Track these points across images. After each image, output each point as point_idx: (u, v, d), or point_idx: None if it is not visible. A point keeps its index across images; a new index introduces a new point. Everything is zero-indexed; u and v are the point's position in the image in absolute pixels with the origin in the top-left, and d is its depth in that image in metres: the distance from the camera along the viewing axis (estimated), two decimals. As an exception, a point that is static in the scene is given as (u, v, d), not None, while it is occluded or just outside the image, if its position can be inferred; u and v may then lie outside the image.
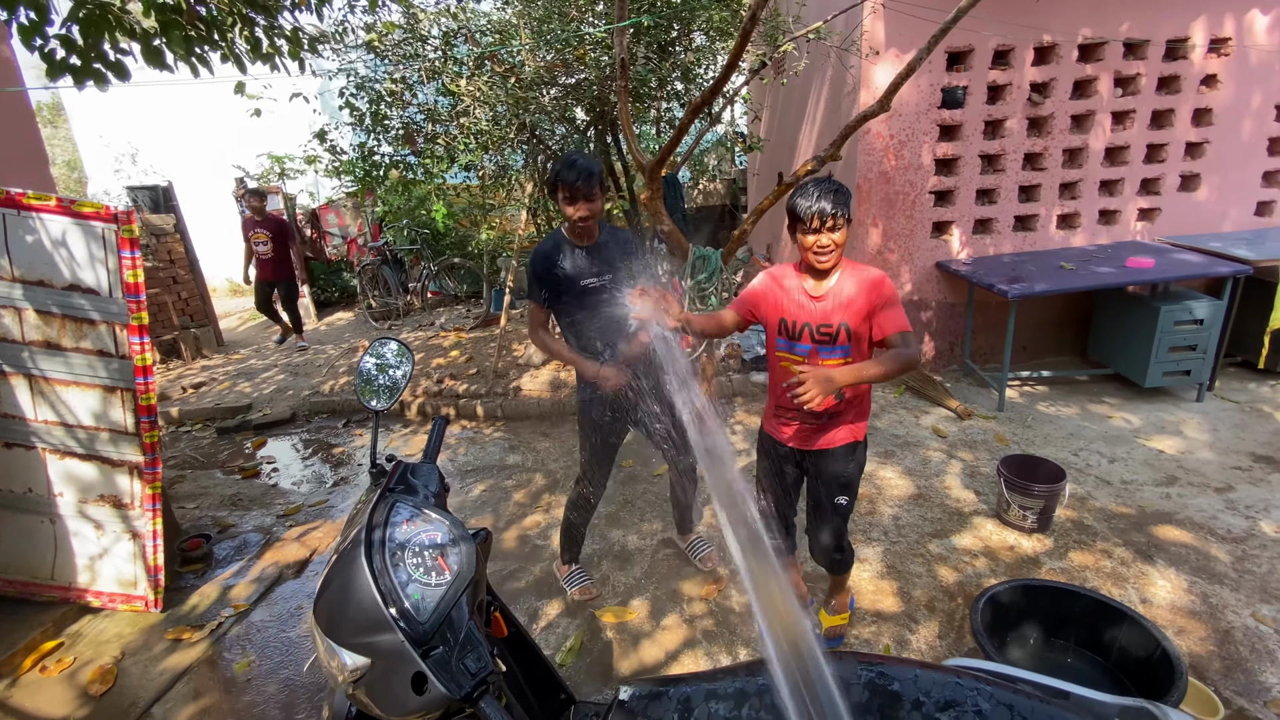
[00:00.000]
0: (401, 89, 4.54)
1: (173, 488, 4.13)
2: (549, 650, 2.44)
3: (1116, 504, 3.08)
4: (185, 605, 2.92)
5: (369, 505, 1.16)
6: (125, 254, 2.49)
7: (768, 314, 2.05)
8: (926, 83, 4.22)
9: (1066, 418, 3.98)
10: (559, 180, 2.15)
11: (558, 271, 2.28)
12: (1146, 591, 2.53)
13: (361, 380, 1.44)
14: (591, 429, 2.49)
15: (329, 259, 8.81)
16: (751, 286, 2.10)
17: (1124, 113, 4.42)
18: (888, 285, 1.93)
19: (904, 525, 3.04)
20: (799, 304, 1.98)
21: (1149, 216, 4.64)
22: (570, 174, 2.12)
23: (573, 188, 2.13)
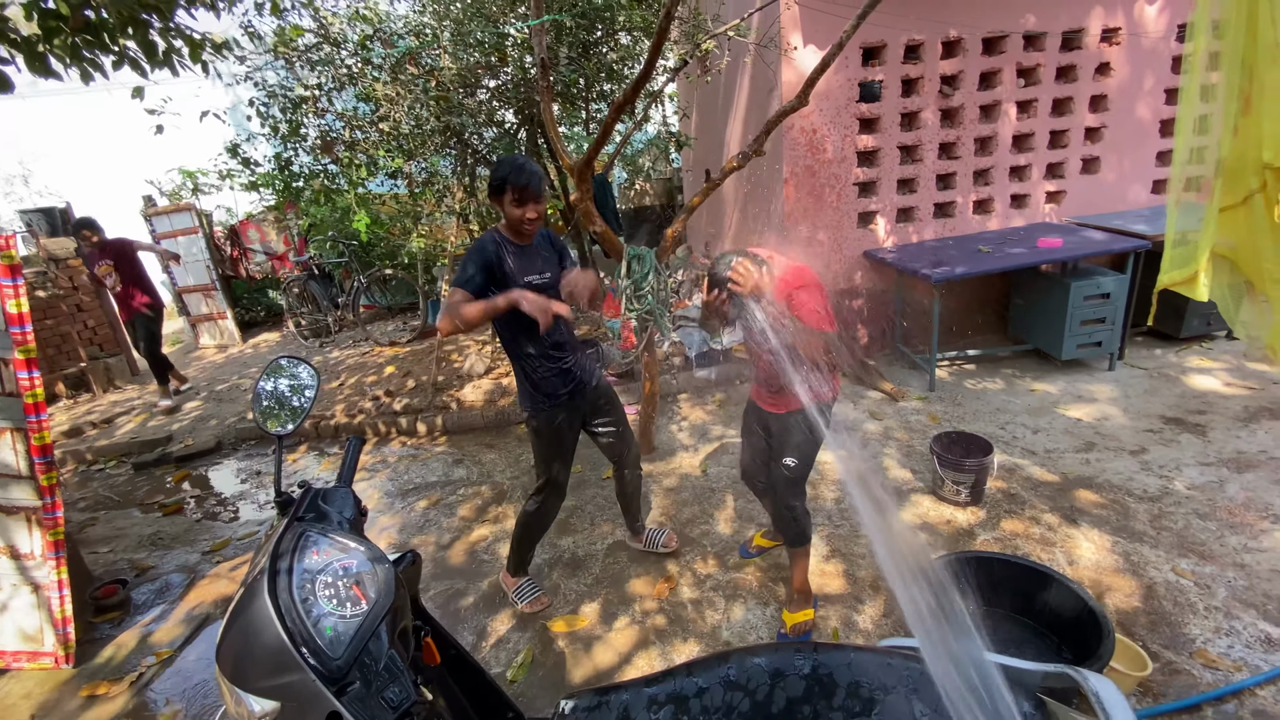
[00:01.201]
0: (316, 96, 4.35)
1: (83, 532, 3.83)
2: (499, 668, 2.37)
3: (1042, 472, 3.23)
4: (101, 657, 2.70)
5: (274, 536, 1.09)
6: (5, 282, 2.28)
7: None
8: (845, 78, 4.34)
9: (992, 393, 4.16)
10: (508, 182, 2.11)
11: (505, 267, 2.19)
12: (1073, 554, 2.66)
13: (260, 404, 1.35)
14: (545, 437, 2.41)
15: (252, 277, 8.38)
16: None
17: (1027, 102, 4.66)
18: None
19: (846, 508, 3.11)
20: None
21: (1056, 199, 4.91)
22: (521, 176, 2.10)
23: (524, 190, 2.11)
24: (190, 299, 7.99)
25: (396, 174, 4.73)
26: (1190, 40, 1.61)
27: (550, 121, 3.05)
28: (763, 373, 2.30)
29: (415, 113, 4.15)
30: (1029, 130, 4.68)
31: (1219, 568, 2.49)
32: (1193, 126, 1.66)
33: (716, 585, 2.69)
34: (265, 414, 1.36)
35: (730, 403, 4.51)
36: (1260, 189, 1.58)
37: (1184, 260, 1.75)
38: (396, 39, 4.28)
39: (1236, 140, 1.59)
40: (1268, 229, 1.59)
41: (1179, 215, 1.75)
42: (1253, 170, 1.57)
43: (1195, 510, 2.83)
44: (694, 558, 2.88)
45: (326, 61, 4.22)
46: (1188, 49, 1.63)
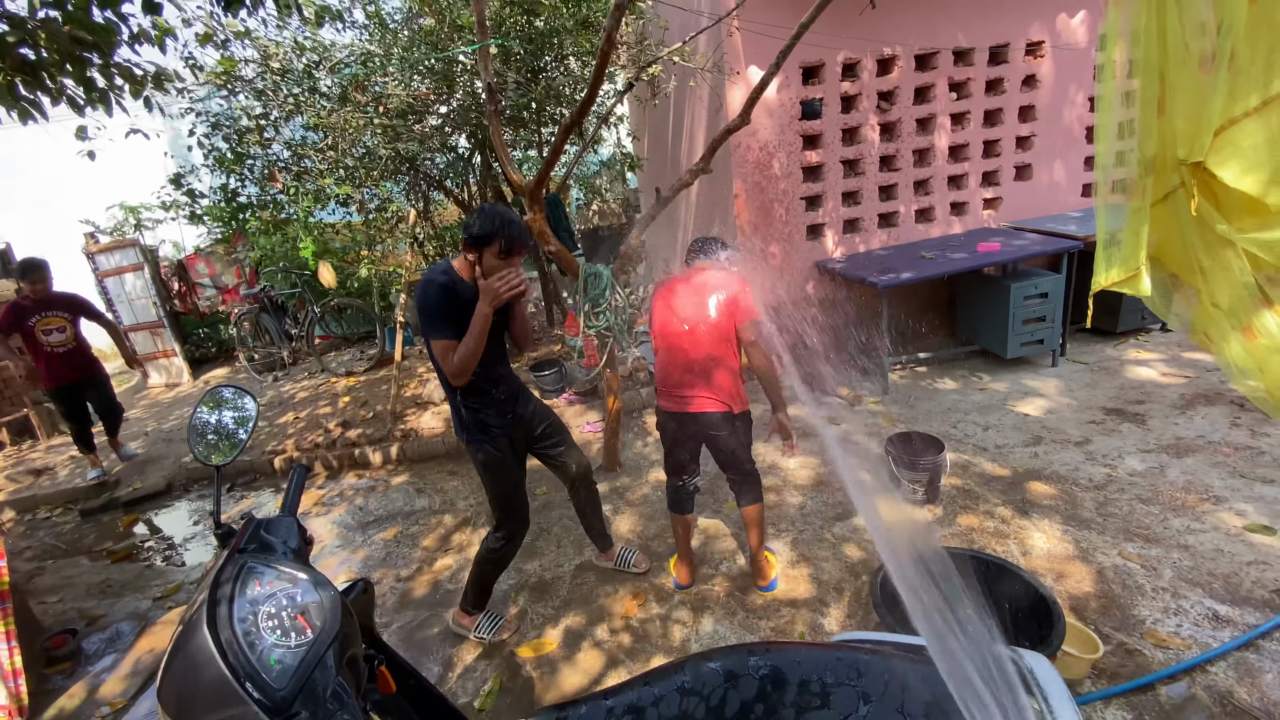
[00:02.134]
0: (262, 125, 4.31)
1: (30, 582, 3.64)
2: (466, 697, 2.32)
3: (994, 467, 3.34)
4: (53, 709, 2.58)
5: (214, 569, 1.06)
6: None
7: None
8: (787, 97, 4.49)
9: (944, 393, 4.30)
10: (498, 235, 2.04)
11: (461, 300, 2.16)
12: (1026, 544, 2.75)
13: (196, 435, 1.32)
14: (492, 469, 2.36)
15: (202, 312, 8.14)
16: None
17: (961, 114, 4.88)
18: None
19: (809, 513, 3.16)
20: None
21: (993, 205, 5.14)
22: (512, 229, 2.06)
23: (513, 243, 2.07)
24: (137, 337, 7.71)
25: (347, 201, 4.69)
26: (1103, 50, 1.72)
27: (500, 145, 3.08)
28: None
29: (363, 140, 4.13)
30: (964, 141, 4.90)
31: (1164, 550, 2.60)
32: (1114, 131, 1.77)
33: (684, 599, 2.69)
34: (206, 446, 1.33)
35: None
36: (1180, 185, 1.68)
37: (1119, 259, 1.83)
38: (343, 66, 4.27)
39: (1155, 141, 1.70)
40: (1189, 222, 1.69)
41: (1107, 216, 1.84)
42: (1171, 168, 1.68)
43: (1139, 496, 2.96)
44: (662, 573, 2.88)
45: (271, 90, 4.18)
46: (1100, 59, 1.74)
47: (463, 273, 2.19)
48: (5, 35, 3.05)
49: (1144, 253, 1.77)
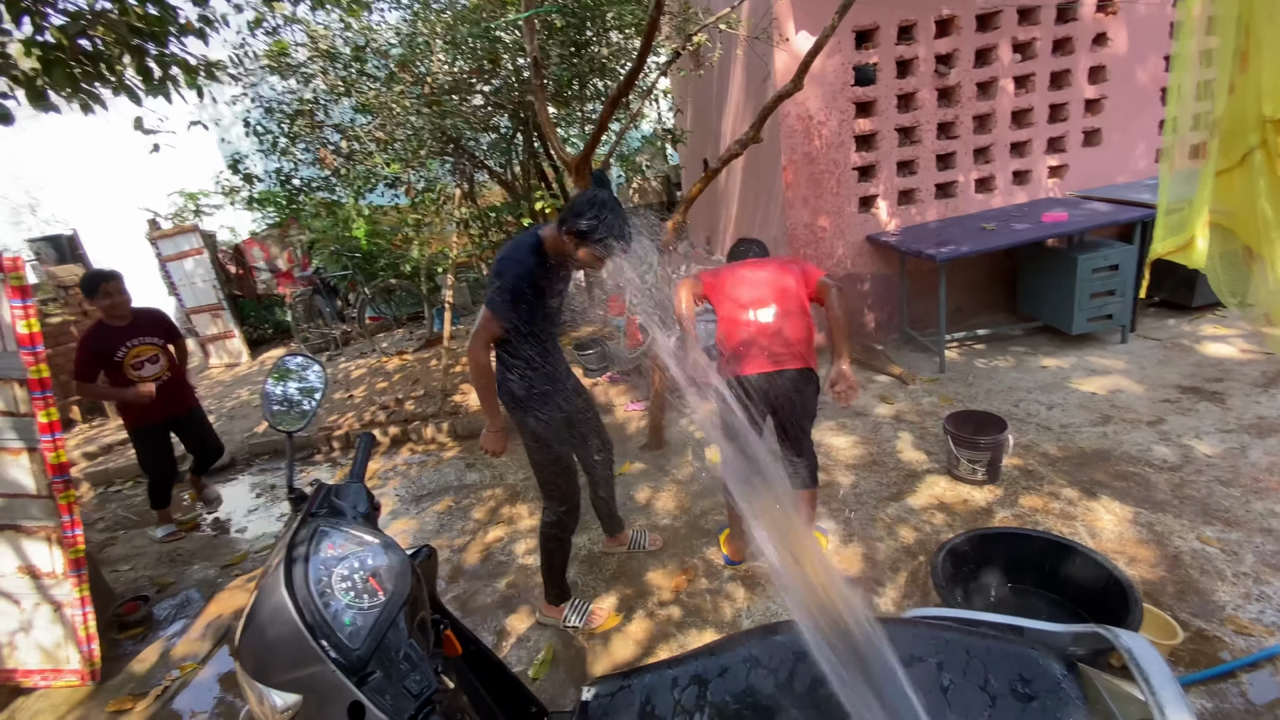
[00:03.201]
0: (313, 109, 4.38)
1: (103, 551, 3.86)
2: (520, 666, 2.36)
3: (1058, 448, 3.19)
4: (125, 673, 2.72)
5: (289, 531, 1.08)
6: (15, 304, 2.30)
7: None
8: (839, 62, 4.32)
9: (1004, 371, 4.12)
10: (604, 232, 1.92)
11: (536, 284, 2.11)
12: (1095, 526, 2.62)
13: (270, 403, 1.35)
14: (542, 441, 2.31)
15: (259, 295, 8.43)
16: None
17: (1025, 76, 4.62)
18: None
19: (862, 493, 3.09)
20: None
21: (1059, 173, 4.86)
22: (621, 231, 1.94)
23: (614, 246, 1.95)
24: (198, 319, 8.05)
25: (395, 183, 4.75)
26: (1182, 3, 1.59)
27: (545, 119, 3.05)
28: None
29: (410, 120, 4.16)
30: (1028, 105, 4.64)
31: (1245, 534, 2.45)
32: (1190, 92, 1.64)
33: (734, 575, 2.67)
34: (275, 415, 1.36)
35: (739, 394, 4.50)
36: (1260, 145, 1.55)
37: (1176, 228, 1.72)
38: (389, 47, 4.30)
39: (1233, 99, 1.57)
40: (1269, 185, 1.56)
41: (1173, 183, 1.72)
42: (1252, 126, 1.55)
43: (1218, 478, 2.79)
44: (710, 549, 2.86)
45: (321, 73, 4.24)
46: (1179, 13, 1.62)
47: (550, 245, 2.12)
48: (65, 27, 3.17)
49: (1201, 220, 1.64)
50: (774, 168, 4.65)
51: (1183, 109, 1.60)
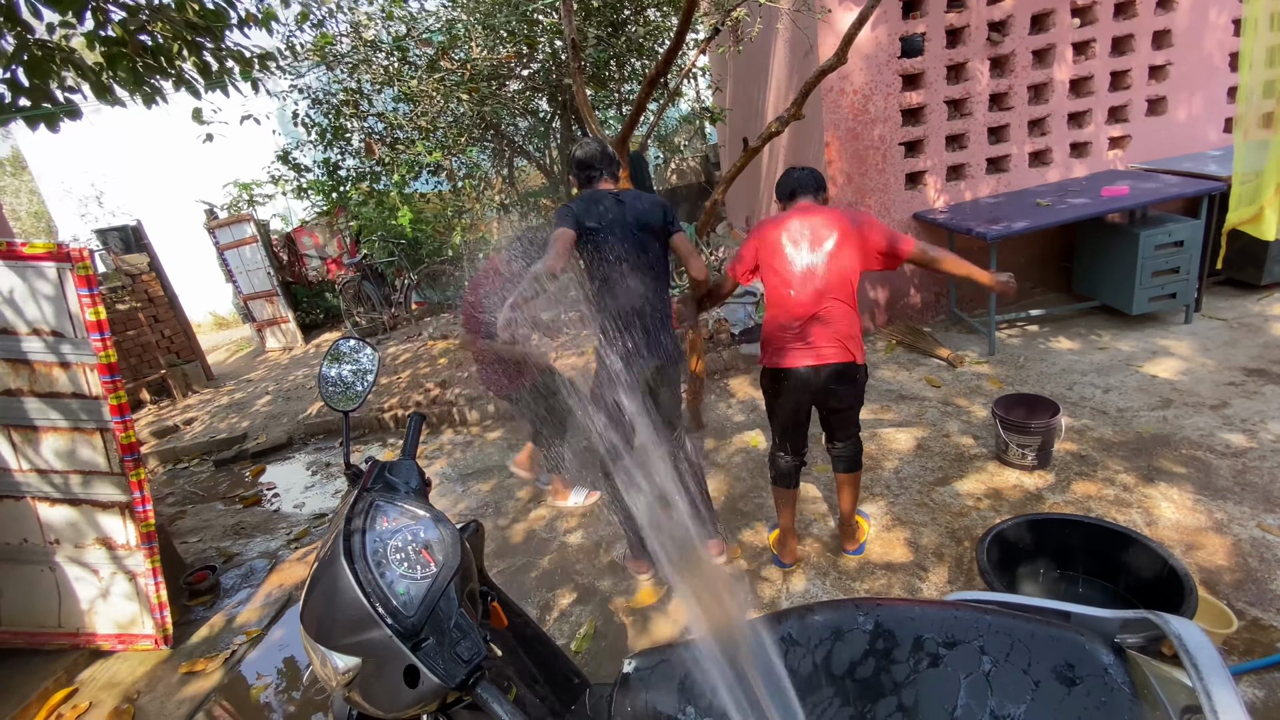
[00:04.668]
0: (357, 98, 4.48)
1: (173, 524, 4.11)
2: (562, 639, 2.43)
3: (1114, 432, 3.08)
4: (196, 637, 2.91)
5: (346, 506, 1.14)
6: (83, 292, 2.44)
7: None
8: (885, 33, 4.17)
9: (1058, 353, 3.97)
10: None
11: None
12: (1152, 513, 2.53)
13: (325, 385, 1.41)
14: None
15: (310, 281, 8.74)
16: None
17: (1084, 43, 4.38)
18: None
19: (906, 477, 3.04)
20: None
21: (1120, 144, 4.62)
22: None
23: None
24: (254, 305, 8.41)
25: (437, 170, 4.83)
26: None
27: (583, 101, 3.06)
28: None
29: (450, 108, 4.22)
30: (1087, 73, 4.41)
31: (1313, 523, 2.33)
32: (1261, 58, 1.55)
33: (774, 558, 2.67)
34: (331, 395, 1.42)
35: (779, 377, 4.46)
36: None
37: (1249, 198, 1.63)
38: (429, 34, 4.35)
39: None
40: None
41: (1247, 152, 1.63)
42: None
43: (1286, 464, 2.65)
44: (749, 530, 2.87)
45: (364, 62, 4.33)
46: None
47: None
48: (124, 22, 3.31)
49: (1271, 190, 1.54)
50: (816, 144, 4.54)
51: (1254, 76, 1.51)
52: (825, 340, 2.22)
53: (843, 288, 2.21)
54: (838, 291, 2.21)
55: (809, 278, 2.21)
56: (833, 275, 2.20)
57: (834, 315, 2.21)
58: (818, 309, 2.20)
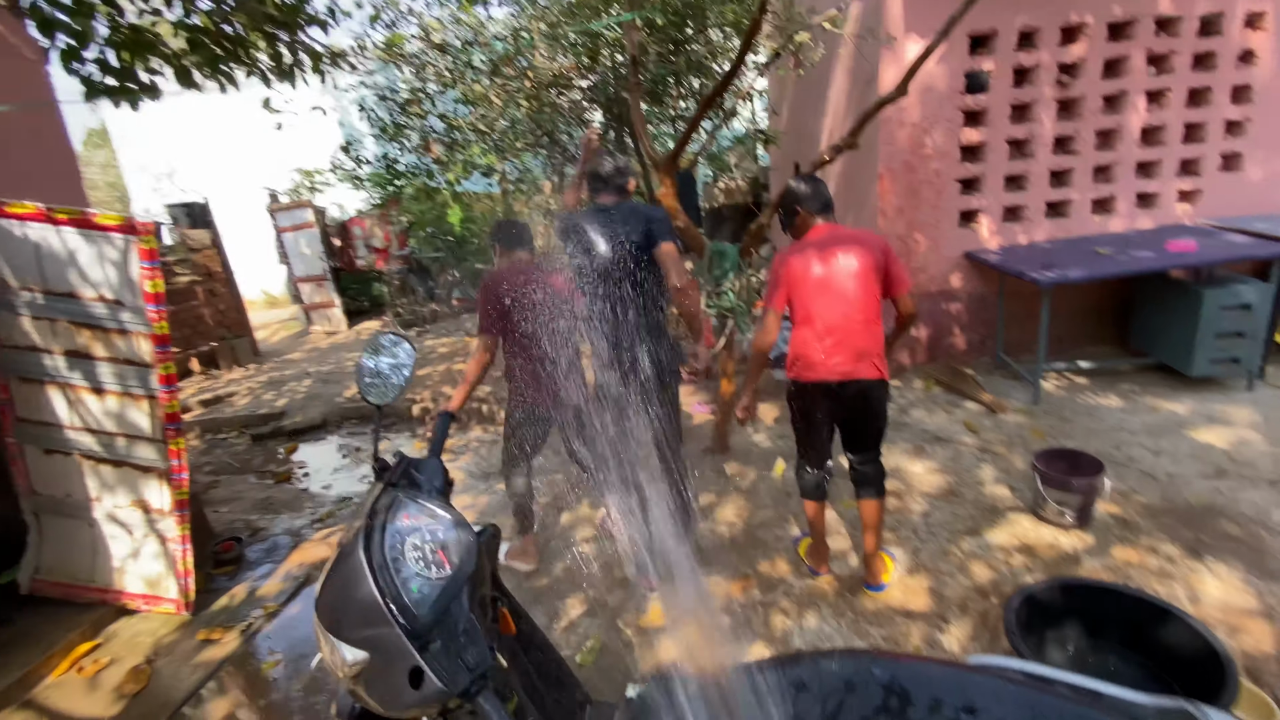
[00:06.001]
0: (419, 97, 4.61)
1: (207, 493, 4.24)
2: (568, 650, 2.42)
3: (1162, 499, 2.93)
4: (216, 606, 2.98)
5: (370, 499, 1.16)
6: (145, 265, 2.55)
7: None
8: (949, 68, 4.11)
9: (1107, 410, 3.81)
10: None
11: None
12: (1196, 590, 2.39)
13: (363, 376, 1.44)
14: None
15: (358, 269, 9.00)
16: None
17: (1159, 92, 4.24)
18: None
19: (935, 523, 2.94)
20: None
21: (1190, 198, 4.44)
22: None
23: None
24: (304, 288, 8.69)
25: (490, 172, 4.93)
26: None
27: (638, 117, 3.08)
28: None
29: (509, 112, 4.30)
30: (1160, 123, 4.26)
31: (1375, 617, 2.17)
32: None
33: (789, 592, 2.62)
34: (367, 387, 1.45)
35: (811, 406, 4.39)
36: None
37: None
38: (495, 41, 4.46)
39: None
40: None
41: None
42: None
43: (1351, 552, 2.48)
44: (767, 562, 2.82)
45: (430, 64, 4.46)
46: None
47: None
48: (211, 12, 3.49)
49: None
50: (869, 174, 4.49)
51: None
52: (852, 356, 2.26)
53: (870, 305, 2.26)
54: (865, 308, 2.25)
55: (839, 294, 2.25)
56: (861, 292, 2.25)
57: (861, 332, 2.25)
58: (846, 325, 2.25)
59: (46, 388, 2.73)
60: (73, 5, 3.11)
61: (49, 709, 2.42)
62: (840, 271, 2.25)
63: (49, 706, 2.43)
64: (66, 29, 3.09)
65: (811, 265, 2.27)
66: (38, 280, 2.60)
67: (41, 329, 2.65)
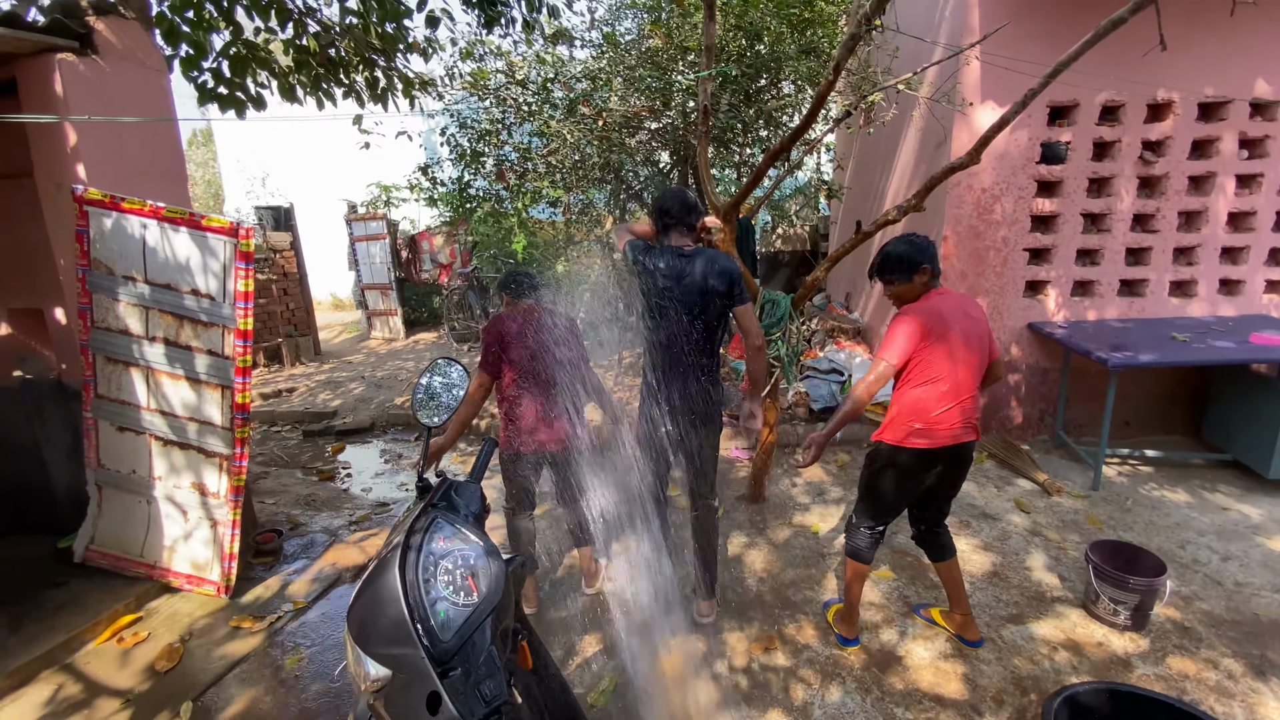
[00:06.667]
0: (498, 128, 4.84)
1: (256, 483, 4.41)
2: (581, 689, 2.39)
3: (1227, 608, 2.71)
4: (251, 595, 3.08)
5: (410, 517, 1.20)
6: (240, 265, 2.73)
7: None
8: (1026, 137, 4.05)
9: (1173, 505, 3.58)
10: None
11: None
12: (1256, 711, 2.19)
13: (420, 396, 1.50)
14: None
15: (421, 281, 9.35)
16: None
17: (1250, 176, 4.06)
18: (892, 323, 2.27)
19: (976, 605, 2.80)
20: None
21: (1278, 289, 4.20)
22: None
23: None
24: (370, 295, 9.08)
25: (556, 203, 5.09)
26: None
27: (704, 164, 3.15)
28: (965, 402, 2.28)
29: (581, 149, 4.46)
30: (1249, 208, 4.07)
31: None
32: None
33: (813, 659, 2.52)
34: (419, 405, 1.51)
35: (854, 465, 4.28)
36: None
37: None
38: (574, 81, 4.66)
39: None
40: None
41: None
42: None
43: None
44: (792, 624, 2.73)
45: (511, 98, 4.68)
46: None
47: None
48: (319, 35, 3.78)
49: None
50: (933, 236, 4.42)
51: None
52: (965, 419, 2.27)
53: (983, 369, 2.30)
54: (980, 373, 2.29)
55: (968, 358, 2.24)
56: (982, 357, 2.28)
57: (976, 396, 2.29)
58: (970, 388, 2.26)
59: (130, 369, 2.93)
60: (195, 19, 3.44)
61: (86, 675, 2.54)
62: (971, 335, 2.24)
63: (86, 673, 2.55)
64: (189, 39, 3.42)
65: (950, 326, 2.21)
66: (140, 270, 2.81)
67: (136, 315, 2.86)
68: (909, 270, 2.26)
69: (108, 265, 2.82)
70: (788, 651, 2.56)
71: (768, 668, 2.48)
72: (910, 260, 2.24)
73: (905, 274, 2.27)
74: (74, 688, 2.47)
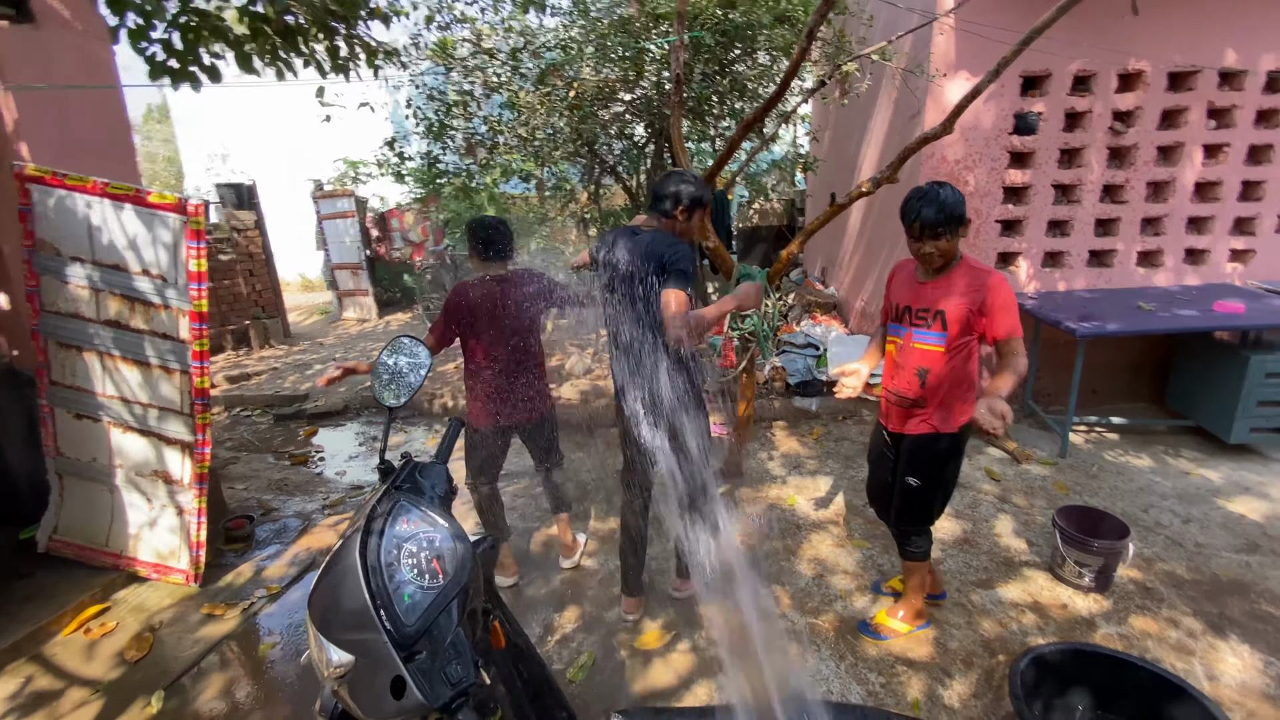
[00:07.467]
0: (467, 101, 4.69)
1: (226, 468, 4.32)
2: (560, 665, 2.40)
3: (1187, 569, 2.81)
4: (222, 581, 3.03)
5: (372, 500, 1.16)
6: (191, 244, 2.63)
7: (889, 299, 2.30)
8: (998, 107, 4.05)
9: (1137, 470, 3.68)
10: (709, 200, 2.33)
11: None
12: (1215, 668, 2.28)
13: (378, 377, 1.46)
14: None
15: (392, 261, 9.16)
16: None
17: (1217, 146, 4.11)
18: (1002, 289, 2.01)
19: (946, 572, 2.86)
20: (907, 288, 2.20)
21: (1242, 258, 4.29)
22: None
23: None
24: (340, 275, 8.87)
25: (528, 177, 4.98)
26: None
27: (678, 136, 3.09)
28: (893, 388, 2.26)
29: (552, 121, 4.35)
30: (1216, 178, 4.14)
31: None
32: None
33: (790, 627, 2.56)
34: (383, 386, 1.46)
35: (829, 438, 4.32)
36: None
37: None
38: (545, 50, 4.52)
39: None
40: None
41: None
42: None
43: (1390, 645, 2.34)
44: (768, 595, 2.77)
45: (479, 69, 4.53)
46: None
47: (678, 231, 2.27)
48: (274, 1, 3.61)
49: None
50: (907, 210, 4.43)
51: None
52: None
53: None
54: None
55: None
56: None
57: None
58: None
59: (84, 354, 2.82)
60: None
61: (55, 666, 2.48)
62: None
63: (56, 664, 2.49)
64: (136, 8, 3.23)
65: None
66: (87, 251, 2.69)
67: (86, 298, 2.75)
68: (961, 219, 1.98)
69: (54, 246, 2.70)
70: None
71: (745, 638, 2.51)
72: (963, 209, 1.97)
73: (957, 226, 1.98)
74: (43, 679, 2.42)
